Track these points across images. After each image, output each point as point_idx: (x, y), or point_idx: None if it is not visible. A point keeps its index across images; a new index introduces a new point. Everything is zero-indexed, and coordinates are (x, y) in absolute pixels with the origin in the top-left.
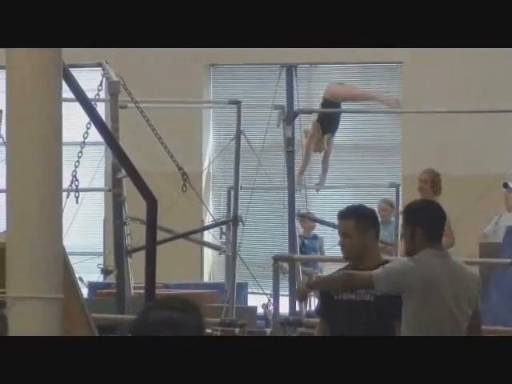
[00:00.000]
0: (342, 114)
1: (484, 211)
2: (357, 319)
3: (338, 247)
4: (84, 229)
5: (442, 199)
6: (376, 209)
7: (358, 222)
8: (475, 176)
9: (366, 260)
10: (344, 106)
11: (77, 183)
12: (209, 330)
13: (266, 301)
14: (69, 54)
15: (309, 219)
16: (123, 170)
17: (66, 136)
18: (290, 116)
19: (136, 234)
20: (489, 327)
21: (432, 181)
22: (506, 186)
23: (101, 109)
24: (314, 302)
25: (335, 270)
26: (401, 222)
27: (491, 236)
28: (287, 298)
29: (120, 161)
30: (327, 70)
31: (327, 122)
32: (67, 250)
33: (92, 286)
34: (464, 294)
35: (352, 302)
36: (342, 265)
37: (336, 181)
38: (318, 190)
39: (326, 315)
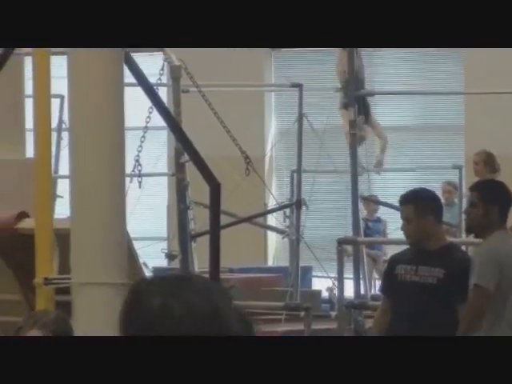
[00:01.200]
0: (406, 96)
1: None
2: (419, 302)
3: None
4: (147, 214)
5: (504, 180)
6: (439, 190)
7: (417, 206)
8: None
9: (430, 242)
10: (407, 87)
11: (140, 168)
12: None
13: (330, 284)
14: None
15: (372, 202)
16: (186, 155)
17: (129, 121)
18: (351, 98)
19: (200, 219)
20: None
21: (484, 161)
22: None
23: (163, 93)
24: (378, 285)
25: (398, 251)
26: (465, 203)
27: None
28: (352, 281)
29: (183, 145)
30: (389, 53)
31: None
32: (131, 235)
33: (156, 271)
34: None
35: (415, 284)
36: (406, 247)
37: (399, 162)
38: (379, 173)
39: (390, 295)
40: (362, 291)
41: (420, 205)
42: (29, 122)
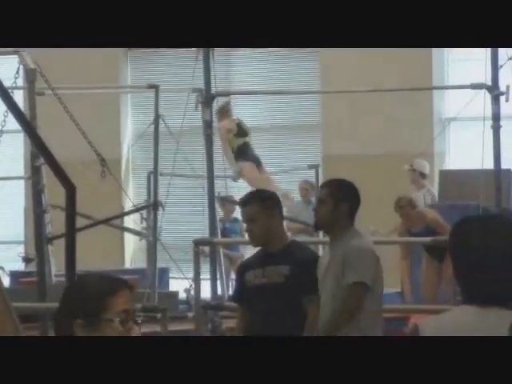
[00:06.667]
0: (262, 97)
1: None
2: (269, 301)
3: None
4: (4, 218)
5: (365, 179)
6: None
7: (262, 204)
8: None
9: (275, 242)
10: (263, 87)
11: None
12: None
13: (187, 285)
14: None
15: (229, 202)
16: (42, 158)
17: None
18: (207, 99)
19: (58, 222)
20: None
21: None
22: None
23: (18, 96)
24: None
25: (245, 259)
26: None
27: None
28: (209, 282)
29: (38, 149)
30: (246, 53)
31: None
32: None
33: (13, 275)
34: None
35: (264, 285)
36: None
37: None
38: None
39: (243, 303)
40: (220, 292)
41: (265, 202)
42: None
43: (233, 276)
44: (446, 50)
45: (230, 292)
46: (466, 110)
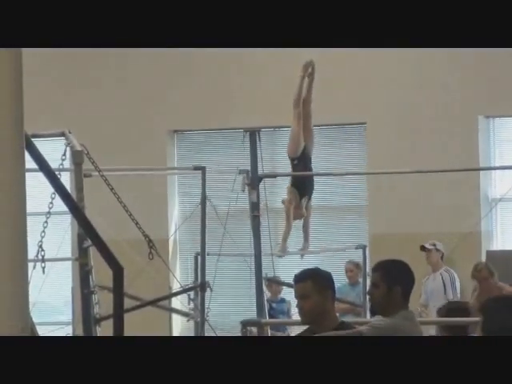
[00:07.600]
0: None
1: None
2: None
3: None
4: (52, 298)
5: (408, 259)
6: (343, 270)
7: (316, 282)
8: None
9: (324, 323)
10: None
11: (43, 253)
12: None
13: None
14: (31, 123)
15: (276, 283)
16: (89, 240)
17: (31, 206)
18: (254, 180)
19: (105, 303)
20: None
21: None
22: (423, 248)
23: (65, 178)
24: None
25: (302, 331)
26: (369, 283)
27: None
28: None
29: (85, 230)
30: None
31: (301, 185)
32: (35, 321)
33: None
34: None
35: None
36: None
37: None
38: (302, 256)
39: None
40: None
41: (319, 281)
42: None
43: None
44: (492, 131)
45: None
46: None
